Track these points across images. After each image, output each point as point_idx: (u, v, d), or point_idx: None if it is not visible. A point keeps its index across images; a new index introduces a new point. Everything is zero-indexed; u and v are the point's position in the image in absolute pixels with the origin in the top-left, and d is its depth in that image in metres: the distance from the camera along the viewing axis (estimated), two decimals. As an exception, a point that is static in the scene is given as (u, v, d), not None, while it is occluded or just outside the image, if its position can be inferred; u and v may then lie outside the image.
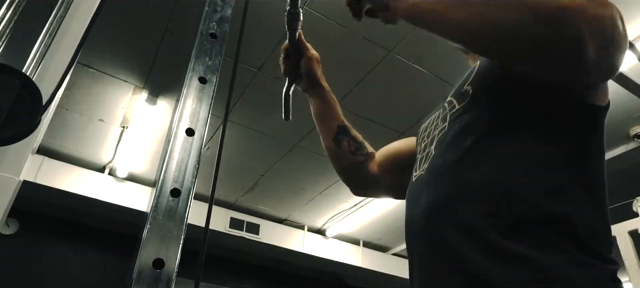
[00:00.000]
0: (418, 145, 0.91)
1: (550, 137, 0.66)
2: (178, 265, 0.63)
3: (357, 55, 3.39)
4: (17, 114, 0.51)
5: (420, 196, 0.73)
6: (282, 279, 5.73)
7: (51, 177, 4.68)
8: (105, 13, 1.22)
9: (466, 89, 0.77)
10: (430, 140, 0.81)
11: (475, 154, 0.68)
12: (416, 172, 0.81)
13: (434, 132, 0.82)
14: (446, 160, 0.71)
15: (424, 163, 0.78)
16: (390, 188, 1.08)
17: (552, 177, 0.63)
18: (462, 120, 0.73)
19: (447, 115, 0.79)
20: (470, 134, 0.70)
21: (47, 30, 0.93)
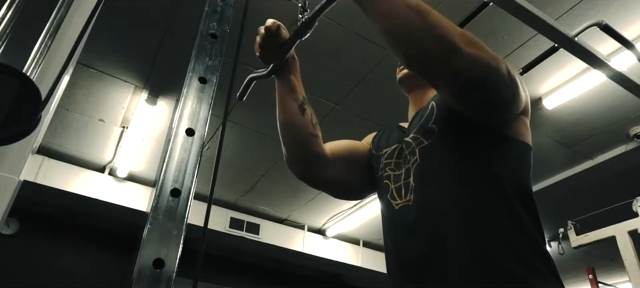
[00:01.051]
0: (381, 169, 1.02)
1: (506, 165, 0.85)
2: (178, 265, 0.63)
3: (357, 55, 3.39)
4: (17, 114, 0.51)
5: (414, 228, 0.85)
6: (282, 279, 5.73)
7: (51, 177, 4.69)
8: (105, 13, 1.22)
9: (431, 127, 0.91)
10: (404, 171, 0.94)
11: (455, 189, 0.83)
12: (397, 200, 0.91)
13: (405, 164, 0.94)
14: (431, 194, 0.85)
15: (408, 194, 0.90)
16: (335, 178, 1.10)
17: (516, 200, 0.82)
18: (434, 155, 0.88)
19: (415, 149, 0.92)
20: (445, 168, 0.86)
21: (47, 30, 0.93)
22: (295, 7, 0.98)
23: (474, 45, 0.73)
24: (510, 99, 0.81)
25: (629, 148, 4.18)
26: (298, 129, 1.06)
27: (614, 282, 6.06)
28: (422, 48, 0.72)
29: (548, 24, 1.32)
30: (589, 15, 2.93)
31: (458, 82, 0.74)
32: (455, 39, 0.71)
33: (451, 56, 0.70)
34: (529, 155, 0.90)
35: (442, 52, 0.71)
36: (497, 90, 0.77)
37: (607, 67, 1.46)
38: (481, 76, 0.73)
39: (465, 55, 0.71)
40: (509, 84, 0.78)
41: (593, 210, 3.95)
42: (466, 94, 0.77)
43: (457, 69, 0.72)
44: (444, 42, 0.71)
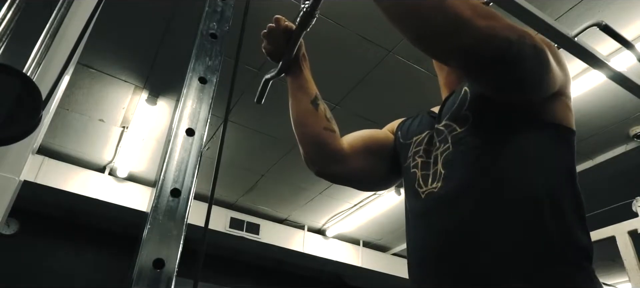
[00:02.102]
0: (409, 158, 0.96)
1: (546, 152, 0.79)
2: (178, 265, 0.62)
3: (357, 55, 3.39)
4: (17, 114, 0.51)
5: (440, 216, 0.80)
6: (282, 279, 5.73)
7: (51, 177, 4.69)
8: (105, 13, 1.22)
9: (465, 113, 0.85)
10: (433, 158, 0.88)
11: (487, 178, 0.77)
12: (423, 187, 0.86)
13: (435, 150, 0.88)
14: (461, 183, 0.79)
15: (436, 181, 0.84)
16: (355, 171, 1.07)
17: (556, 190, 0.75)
18: (468, 143, 0.82)
19: (447, 136, 0.86)
20: (478, 156, 0.80)
21: (47, 30, 0.93)
22: (296, 7, 0.98)
23: (488, 17, 0.66)
24: (537, 76, 0.73)
25: (629, 148, 4.18)
26: (312, 125, 1.04)
27: (614, 282, 6.06)
28: (431, 25, 0.67)
29: (548, 24, 1.32)
30: (589, 15, 2.93)
31: (472, 59, 0.68)
32: (464, 13, 0.65)
33: (459, 33, 0.65)
34: (572, 141, 0.83)
35: (452, 28, 0.65)
36: (519, 66, 0.69)
37: (607, 67, 1.46)
38: (497, 51, 0.66)
39: (477, 29, 0.65)
40: (534, 59, 0.70)
41: (593, 210, 3.95)
42: (483, 72, 0.71)
43: (469, 45, 0.66)
44: (453, 17, 0.65)
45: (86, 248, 4.92)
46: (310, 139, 1.04)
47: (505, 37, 0.66)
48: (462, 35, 0.65)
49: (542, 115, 0.81)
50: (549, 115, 0.81)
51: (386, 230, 6.25)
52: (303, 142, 1.06)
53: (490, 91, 0.77)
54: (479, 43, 0.66)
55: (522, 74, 0.71)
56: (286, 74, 1.08)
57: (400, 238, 6.56)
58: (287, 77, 1.08)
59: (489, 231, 0.73)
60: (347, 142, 1.07)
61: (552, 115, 0.81)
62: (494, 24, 0.66)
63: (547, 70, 0.74)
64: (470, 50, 0.66)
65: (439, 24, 0.66)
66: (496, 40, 0.66)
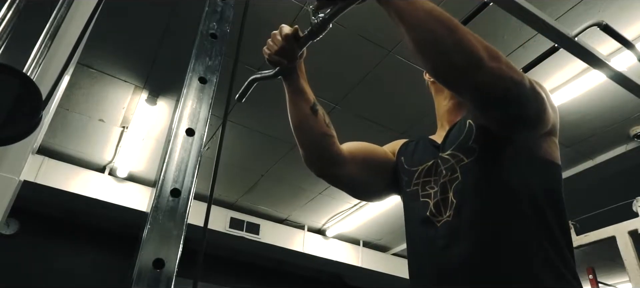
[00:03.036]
0: (414, 185, 1.02)
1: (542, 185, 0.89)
2: (178, 265, 0.62)
3: (357, 55, 3.39)
4: (17, 114, 0.51)
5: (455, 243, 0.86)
6: (282, 279, 5.72)
7: (51, 177, 4.69)
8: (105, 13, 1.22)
9: (472, 146, 0.92)
10: (441, 186, 0.94)
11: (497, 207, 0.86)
12: (438, 217, 0.91)
13: (442, 178, 0.95)
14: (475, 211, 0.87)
15: (448, 210, 0.90)
16: (351, 178, 1.12)
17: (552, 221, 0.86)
18: (476, 173, 0.90)
19: (455, 166, 0.93)
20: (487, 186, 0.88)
21: (47, 30, 0.93)
22: (295, 7, 0.98)
23: (498, 60, 0.76)
24: (534, 115, 0.84)
25: (629, 148, 4.18)
26: (312, 130, 1.08)
27: (614, 282, 6.06)
28: (449, 62, 0.75)
29: (548, 24, 1.32)
30: (589, 15, 2.93)
31: (482, 96, 0.78)
32: (481, 53, 0.74)
33: (476, 71, 0.74)
34: (560, 174, 0.95)
35: (467, 67, 0.74)
36: (521, 106, 0.80)
37: (607, 67, 1.46)
38: (504, 91, 0.76)
39: (489, 70, 0.74)
40: (533, 100, 0.81)
41: (593, 210, 3.95)
42: (490, 108, 0.81)
43: (481, 84, 0.75)
44: (470, 57, 0.74)
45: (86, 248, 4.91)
46: (311, 144, 1.09)
47: (511, 77, 0.76)
48: (479, 73, 0.74)
49: (537, 151, 0.91)
50: (541, 152, 0.92)
51: (386, 230, 6.25)
52: (304, 146, 1.10)
53: (495, 124, 0.87)
54: (490, 82, 0.75)
55: (523, 111, 0.82)
56: (284, 79, 1.09)
57: (400, 238, 6.56)
58: (284, 82, 1.10)
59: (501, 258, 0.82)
60: (347, 149, 1.11)
61: (544, 152, 0.92)
62: (502, 66, 0.76)
63: (543, 109, 0.85)
64: (483, 86, 0.76)
65: (459, 61, 0.74)
66: (504, 81, 0.76)
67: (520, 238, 0.83)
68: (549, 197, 0.88)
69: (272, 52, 1.04)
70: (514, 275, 0.80)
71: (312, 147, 1.09)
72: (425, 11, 0.77)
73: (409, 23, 0.78)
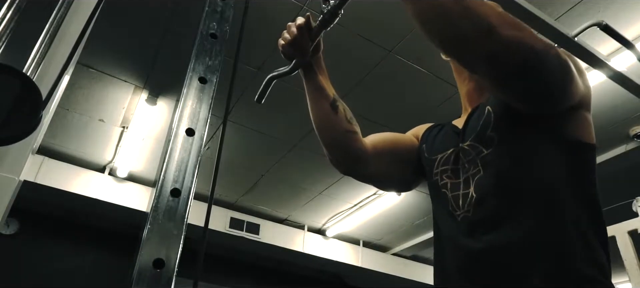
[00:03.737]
0: (436, 175, 0.97)
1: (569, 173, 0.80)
2: (178, 265, 0.62)
3: (357, 55, 3.39)
4: (17, 114, 0.51)
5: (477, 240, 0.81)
6: (282, 279, 5.72)
7: (51, 177, 4.69)
8: (105, 13, 1.22)
9: (490, 135, 0.86)
10: (463, 180, 0.89)
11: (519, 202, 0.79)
12: (458, 210, 0.87)
13: (464, 172, 0.89)
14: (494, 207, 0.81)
15: (468, 204, 0.85)
16: (378, 173, 1.09)
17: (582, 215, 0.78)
18: (495, 165, 0.84)
19: (476, 159, 0.87)
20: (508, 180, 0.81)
21: (47, 30, 0.93)
22: (295, 7, 0.98)
23: (514, 27, 0.68)
24: (560, 87, 0.75)
25: (629, 148, 4.18)
26: (334, 128, 1.04)
27: (614, 282, 6.06)
28: (458, 31, 0.68)
29: (548, 24, 1.32)
30: (589, 15, 2.93)
31: (497, 67, 0.69)
32: (492, 20, 0.66)
33: (488, 39, 0.66)
34: (593, 157, 0.85)
35: (478, 35, 0.66)
36: (544, 77, 0.71)
37: (607, 67, 1.46)
38: (523, 60, 0.68)
39: (503, 37, 0.66)
40: (558, 70, 0.73)
41: (593, 210, 3.94)
42: (508, 81, 0.72)
43: (496, 52, 0.67)
44: (480, 24, 0.66)
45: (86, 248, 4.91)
46: (334, 142, 1.05)
47: (531, 45, 0.68)
48: (489, 41, 0.66)
49: (564, 132, 0.82)
50: (570, 132, 0.82)
51: (386, 230, 6.25)
52: (326, 144, 1.07)
53: (515, 100, 0.78)
54: (506, 50, 0.67)
55: (546, 83, 0.73)
56: (303, 75, 1.07)
57: (400, 238, 6.56)
58: (304, 79, 1.07)
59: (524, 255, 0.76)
60: (371, 143, 1.08)
61: (574, 132, 0.82)
62: (519, 34, 0.68)
63: (570, 80, 0.76)
64: (496, 56, 0.67)
65: (467, 29, 0.67)
66: (522, 48, 0.67)
67: (543, 237, 0.76)
68: (578, 186, 0.80)
69: (286, 43, 1.01)
70: (534, 276, 0.73)
71: (334, 145, 1.06)
72: None
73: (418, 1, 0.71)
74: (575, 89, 0.78)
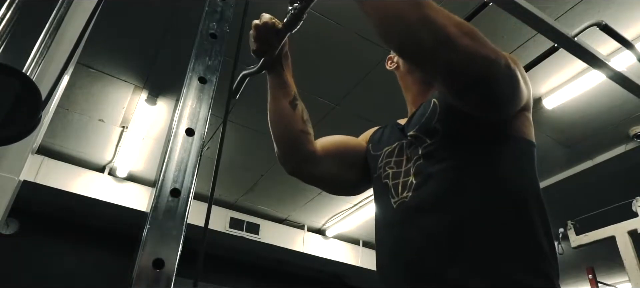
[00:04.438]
0: (379, 169, 0.98)
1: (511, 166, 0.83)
2: (178, 265, 0.62)
3: (357, 55, 3.39)
4: (16, 114, 0.51)
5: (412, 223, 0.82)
6: (282, 279, 5.73)
7: (51, 177, 4.68)
8: (105, 13, 1.22)
9: (435, 126, 0.88)
10: (404, 170, 0.90)
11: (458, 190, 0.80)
12: (395, 197, 0.88)
13: (407, 163, 0.91)
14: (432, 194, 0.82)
15: (406, 191, 0.86)
16: (326, 174, 1.10)
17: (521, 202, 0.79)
18: (438, 155, 0.85)
19: (418, 148, 0.89)
20: (448, 168, 0.83)
21: (47, 30, 0.94)
22: (294, 8, 0.98)
23: (470, 37, 0.69)
24: (510, 95, 0.78)
25: (629, 148, 4.18)
26: (288, 125, 1.06)
27: (613, 282, 6.07)
28: (416, 40, 0.68)
29: (548, 24, 1.32)
30: (589, 15, 2.93)
31: (453, 77, 0.71)
32: (449, 30, 0.67)
33: (445, 49, 0.67)
34: (533, 153, 0.87)
35: (435, 45, 0.67)
36: (496, 86, 0.74)
37: (607, 67, 1.46)
38: (478, 71, 0.69)
39: (460, 48, 0.67)
40: (509, 79, 0.75)
41: (593, 210, 3.95)
42: (462, 90, 0.73)
43: (452, 63, 0.68)
44: (437, 34, 0.66)
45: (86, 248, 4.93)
46: (286, 140, 1.07)
47: (487, 56, 0.70)
48: (447, 53, 0.67)
49: (507, 129, 0.85)
50: (513, 130, 0.86)
51: (386, 230, 6.25)
52: (277, 141, 1.08)
53: (466, 107, 0.79)
54: (462, 61, 0.68)
55: (497, 94, 0.76)
56: (267, 72, 1.09)
57: (400, 238, 6.56)
58: (267, 75, 1.09)
59: (456, 243, 0.76)
60: (321, 145, 1.09)
61: (516, 130, 0.86)
62: (475, 44, 0.69)
63: (518, 88, 0.79)
64: (453, 67, 0.69)
65: (425, 38, 0.67)
66: (478, 59, 0.69)
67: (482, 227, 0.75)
68: (520, 180, 0.82)
69: (253, 43, 1.04)
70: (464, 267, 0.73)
71: (286, 142, 1.07)
72: None
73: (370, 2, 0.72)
74: (521, 96, 0.81)
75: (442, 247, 0.77)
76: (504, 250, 0.74)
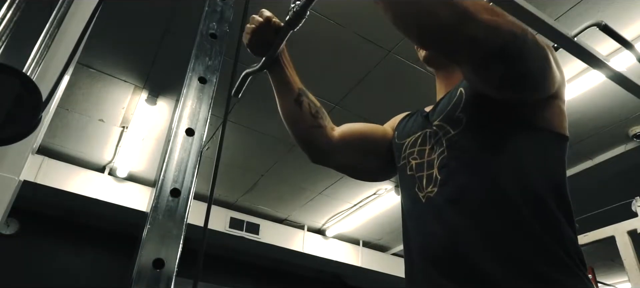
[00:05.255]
0: (403, 158, 0.96)
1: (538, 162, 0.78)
2: (178, 265, 0.63)
3: (357, 55, 3.39)
4: (17, 114, 0.51)
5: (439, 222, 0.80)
6: (282, 279, 5.73)
7: (51, 177, 4.68)
8: (105, 13, 1.22)
9: (459, 116, 0.84)
10: (427, 161, 0.88)
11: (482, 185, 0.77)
12: (422, 191, 0.85)
13: (431, 154, 0.88)
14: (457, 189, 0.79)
15: (432, 185, 0.84)
16: (346, 165, 1.11)
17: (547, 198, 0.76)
18: (461, 146, 0.82)
19: (442, 139, 0.86)
20: (473, 162, 0.80)
21: (47, 30, 0.93)
22: (295, 7, 0.98)
23: (491, 12, 0.68)
24: (538, 74, 0.74)
25: (629, 148, 4.19)
26: (298, 123, 1.07)
27: (613, 282, 6.06)
28: (434, 19, 0.67)
29: (547, 24, 1.32)
30: (589, 15, 2.93)
31: (477, 52, 0.68)
32: (471, 6, 0.65)
33: (466, 24, 0.65)
34: (563, 147, 0.83)
35: (456, 21, 0.66)
36: (523, 62, 0.70)
37: (607, 67, 1.46)
38: (502, 44, 0.67)
39: (482, 22, 0.66)
40: (536, 56, 0.72)
41: (593, 210, 3.95)
42: (487, 66, 0.70)
43: (475, 37, 0.66)
44: (456, 9, 0.65)
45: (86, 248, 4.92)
46: (298, 138, 1.09)
47: (510, 30, 0.68)
48: (468, 26, 0.66)
49: (536, 120, 0.80)
50: (542, 121, 0.80)
51: (386, 230, 6.25)
52: (293, 136, 1.11)
53: (492, 87, 0.76)
54: (485, 35, 0.66)
55: (525, 70, 0.72)
56: (268, 71, 1.09)
57: (400, 239, 6.55)
58: (269, 74, 1.10)
59: (482, 238, 0.74)
60: (340, 134, 1.09)
61: (546, 121, 0.81)
62: (498, 19, 0.68)
63: (548, 68, 0.75)
64: (475, 41, 0.67)
65: (446, 16, 0.66)
66: (501, 32, 0.67)
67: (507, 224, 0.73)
68: (547, 176, 0.78)
69: (251, 40, 1.03)
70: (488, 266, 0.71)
71: (300, 141, 1.09)
72: None
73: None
74: (552, 77, 0.77)
75: (468, 243, 0.75)
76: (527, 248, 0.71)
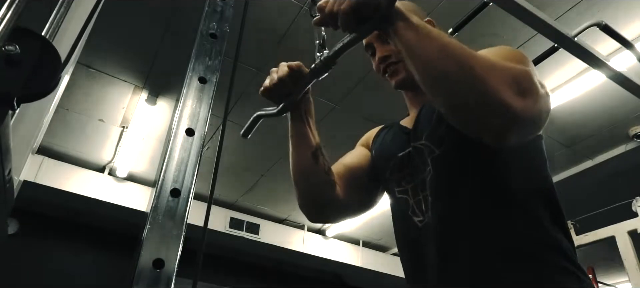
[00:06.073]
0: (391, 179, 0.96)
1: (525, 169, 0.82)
2: (178, 265, 0.62)
3: (357, 55, 3.38)
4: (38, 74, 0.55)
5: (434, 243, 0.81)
6: (282, 279, 5.72)
7: (51, 177, 4.69)
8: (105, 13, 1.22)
9: (441, 134, 0.85)
10: (418, 182, 0.89)
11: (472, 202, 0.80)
12: (419, 216, 0.86)
13: (419, 174, 0.89)
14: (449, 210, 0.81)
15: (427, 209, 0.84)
16: (356, 210, 1.10)
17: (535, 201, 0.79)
18: (447, 166, 0.84)
19: (427, 159, 0.87)
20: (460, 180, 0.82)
21: (47, 30, 0.93)
22: (295, 6, 0.98)
23: (523, 91, 0.66)
24: (539, 128, 0.80)
25: (629, 148, 4.19)
26: (312, 177, 0.99)
27: (613, 282, 6.06)
28: (466, 105, 0.66)
29: (548, 24, 1.32)
30: (589, 15, 2.93)
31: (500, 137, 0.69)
32: (504, 96, 0.63)
33: (504, 117, 0.64)
34: (541, 146, 0.87)
35: (491, 113, 0.65)
36: (534, 129, 0.76)
37: (607, 67, 1.46)
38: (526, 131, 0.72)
39: (518, 114, 0.65)
40: (542, 119, 0.75)
41: (593, 210, 3.95)
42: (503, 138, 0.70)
43: (500, 127, 0.66)
44: (492, 100, 0.63)
45: (86, 248, 4.90)
46: (308, 191, 1.02)
47: (538, 114, 0.70)
48: (505, 121, 0.65)
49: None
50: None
51: (386, 230, 6.25)
52: (300, 191, 1.03)
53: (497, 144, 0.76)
54: (511, 126, 0.66)
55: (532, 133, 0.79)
56: (289, 117, 1.01)
57: (400, 238, 6.56)
58: (289, 121, 1.02)
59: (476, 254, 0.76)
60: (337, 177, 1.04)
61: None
62: (530, 103, 0.67)
63: (544, 122, 0.77)
64: (501, 131, 0.67)
65: (475, 105, 0.65)
66: (529, 122, 0.69)
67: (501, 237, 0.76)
68: (533, 179, 0.82)
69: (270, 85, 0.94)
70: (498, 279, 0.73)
71: (309, 194, 1.02)
72: (438, 47, 0.67)
73: (419, 59, 0.69)
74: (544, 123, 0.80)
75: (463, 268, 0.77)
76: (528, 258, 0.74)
